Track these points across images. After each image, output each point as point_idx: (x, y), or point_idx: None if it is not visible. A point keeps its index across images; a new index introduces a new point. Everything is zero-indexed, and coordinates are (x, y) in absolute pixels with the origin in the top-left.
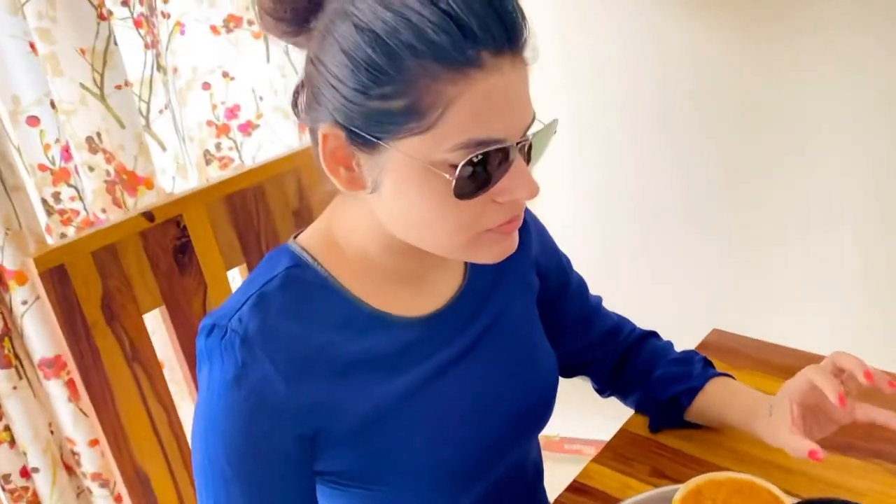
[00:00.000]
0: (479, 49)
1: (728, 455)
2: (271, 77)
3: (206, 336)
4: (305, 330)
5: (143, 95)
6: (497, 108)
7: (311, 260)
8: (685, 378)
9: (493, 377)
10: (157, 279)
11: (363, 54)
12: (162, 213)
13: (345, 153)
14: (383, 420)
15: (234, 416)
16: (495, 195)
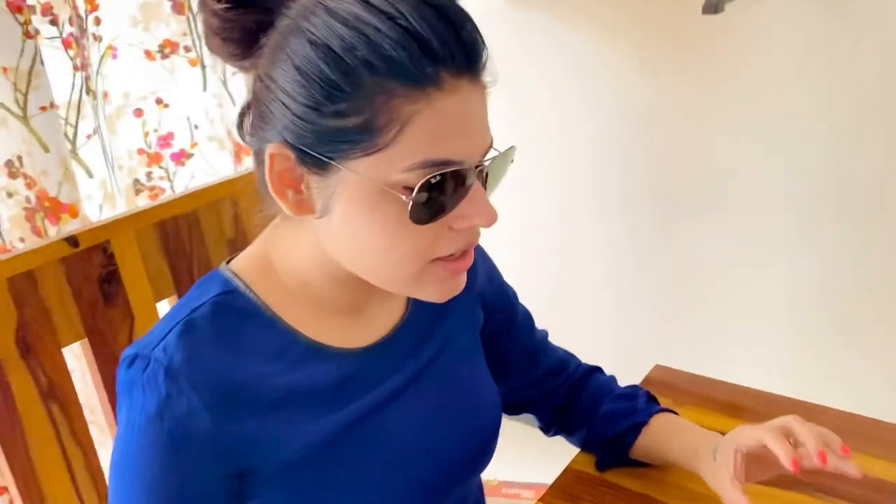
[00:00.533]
0: (438, 68)
1: (675, 492)
2: (207, 105)
3: (128, 367)
4: (235, 361)
5: (69, 119)
6: (455, 128)
7: (244, 286)
8: (630, 414)
9: (434, 415)
10: (79, 309)
11: (317, 70)
12: (87, 238)
13: (293, 175)
14: (317, 457)
15: (156, 452)
16: (451, 221)
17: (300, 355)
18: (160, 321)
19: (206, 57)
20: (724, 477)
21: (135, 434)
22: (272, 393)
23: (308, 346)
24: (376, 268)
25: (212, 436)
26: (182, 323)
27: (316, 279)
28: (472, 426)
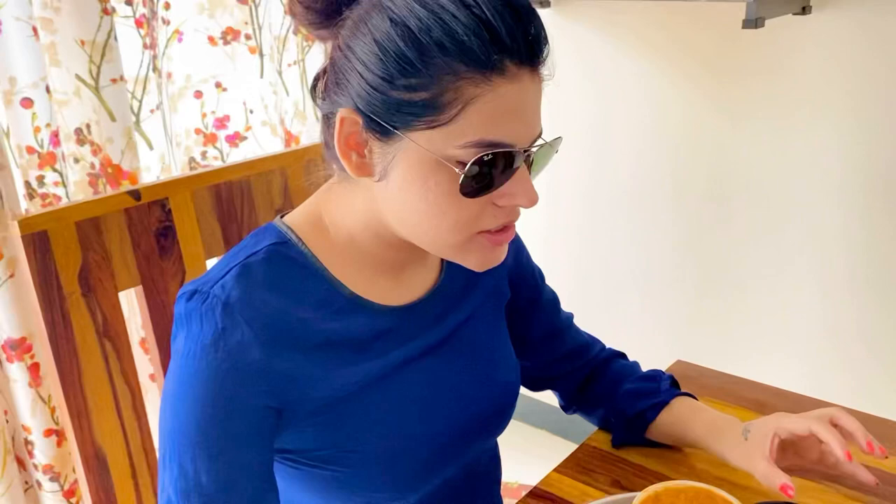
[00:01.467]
0: (503, 57)
1: (687, 472)
2: (263, 92)
3: (187, 300)
4: (284, 304)
5: (136, 93)
6: (511, 114)
7: (296, 239)
8: (652, 394)
9: (456, 376)
10: (136, 258)
11: (394, 46)
12: (148, 193)
13: (359, 139)
14: (347, 401)
15: (209, 378)
16: (496, 198)
17: (342, 306)
18: (217, 263)
19: (265, 46)
20: (758, 456)
21: (190, 361)
22: (315, 337)
23: (349, 298)
24: (425, 231)
25: (260, 368)
26: (239, 265)
27: (364, 238)
28: (491, 390)
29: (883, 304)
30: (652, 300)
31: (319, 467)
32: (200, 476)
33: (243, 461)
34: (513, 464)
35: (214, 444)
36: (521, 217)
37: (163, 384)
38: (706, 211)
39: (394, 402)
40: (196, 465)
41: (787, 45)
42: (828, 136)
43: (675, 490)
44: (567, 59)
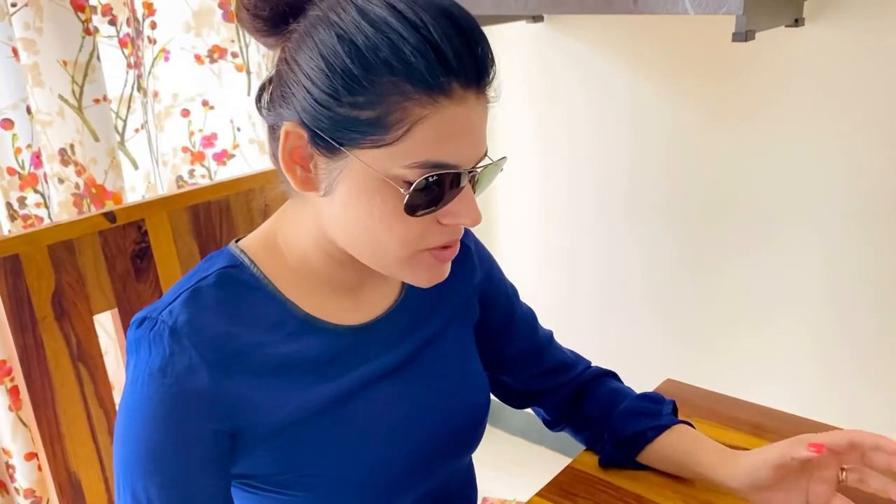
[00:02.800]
0: (450, 78)
1: (673, 496)
2: (250, 109)
3: (137, 327)
4: (235, 328)
5: (120, 113)
6: (457, 135)
7: (248, 261)
8: (654, 415)
9: (422, 397)
10: (112, 281)
11: (340, 62)
12: (124, 215)
13: (303, 153)
14: (304, 424)
15: (157, 404)
16: (441, 217)
17: (296, 328)
18: (169, 290)
19: (252, 64)
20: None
21: (138, 388)
22: (268, 361)
23: (304, 319)
24: (369, 249)
25: (209, 393)
26: (189, 290)
27: (315, 257)
28: (458, 411)
29: (875, 324)
30: (642, 317)
31: (279, 492)
32: (154, 500)
33: (197, 487)
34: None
35: (166, 471)
36: (514, 232)
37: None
38: (700, 225)
39: (354, 425)
40: (148, 492)
41: (781, 57)
42: (822, 149)
43: None
44: (560, 73)
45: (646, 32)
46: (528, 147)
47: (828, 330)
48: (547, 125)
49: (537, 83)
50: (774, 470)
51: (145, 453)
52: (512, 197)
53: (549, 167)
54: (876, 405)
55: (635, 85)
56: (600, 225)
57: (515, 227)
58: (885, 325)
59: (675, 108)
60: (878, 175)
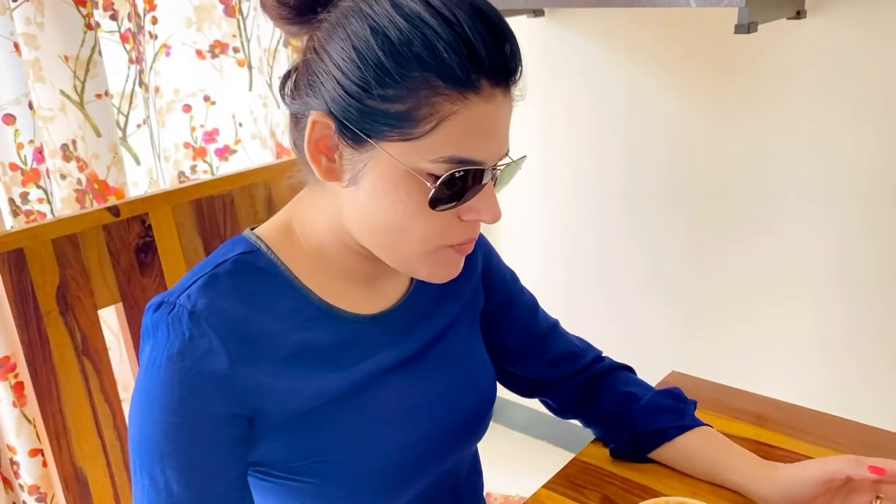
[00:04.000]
0: (480, 76)
1: (679, 486)
2: (252, 105)
3: (153, 311)
4: (252, 314)
5: (122, 108)
6: (483, 132)
7: (265, 248)
8: (677, 413)
9: (432, 389)
10: (116, 275)
11: (373, 54)
12: (127, 209)
13: (329, 143)
14: (318, 413)
15: (176, 388)
16: (462, 213)
17: (311, 315)
18: (186, 275)
19: (254, 58)
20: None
21: (156, 370)
22: (284, 347)
23: (320, 306)
24: (387, 243)
25: (228, 377)
26: (206, 276)
27: (332, 246)
28: (467, 401)
29: (880, 314)
30: (647, 309)
31: (293, 479)
32: (171, 486)
33: (214, 471)
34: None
35: (184, 454)
36: (515, 224)
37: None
38: (702, 217)
39: (367, 415)
40: (166, 475)
41: (782, 49)
42: (824, 140)
43: None
44: (562, 67)
45: (647, 26)
46: (530, 140)
47: (833, 320)
48: (548, 119)
49: (538, 77)
50: (822, 485)
51: (163, 437)
52: (512, 190)
53: (550, 161)
54: (880, 396)
55: (637, 78)
56: (601, 217)
57: (516, 219)
58: (890, 315)
59: (676, 101)
60: (880, 165)
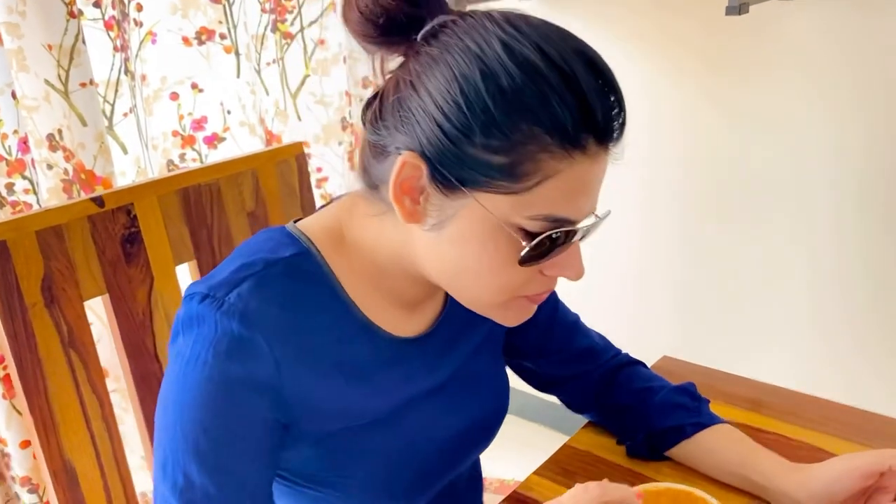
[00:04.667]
0: (589, 135)
1: (671, 472)
2: (240, 92)
3: (199, 301)
4: (299, 322)
5: (108, 97)
6: (583, 192)
7: (315, 251)
8: (694, 411)
9: (457, 412)
10: (101, 266)
11: (481, 101)
12: (112, 199)
13: (416, 185)
14: (353, 431)
15: (220, 388)
16: (546, 268)
17: (353, 330)
18: (227, 266)
19: (241, 45)
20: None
21: (200, 367)
22: (325, 360)
23: (363, 323)
24: (467, 289)
25: (273, 383)
26: (257, 276)
27: (388, 269)
28: (485, 416)
29: (874, 297)
30: (637, 294)
31: (310, 488)
32: (207, 487)
33: (248, 474)
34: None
35: (223, 455)
36: None
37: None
38: (694, 201)
39: (398, 439)
40: (202, 475)
41: (774, 30)
42: (818, 124)
43: (656, 492)
44: None
45: (639, 8)
46: None
47: (827, 303)
48: None
49: None
50: (861, 480)
51: (203, 434)
52: None
53: None
54: (875, 380)
55: (629, 61)
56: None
57: None
58: (883, 298)
59: (668, 83)
60: (873, 145)
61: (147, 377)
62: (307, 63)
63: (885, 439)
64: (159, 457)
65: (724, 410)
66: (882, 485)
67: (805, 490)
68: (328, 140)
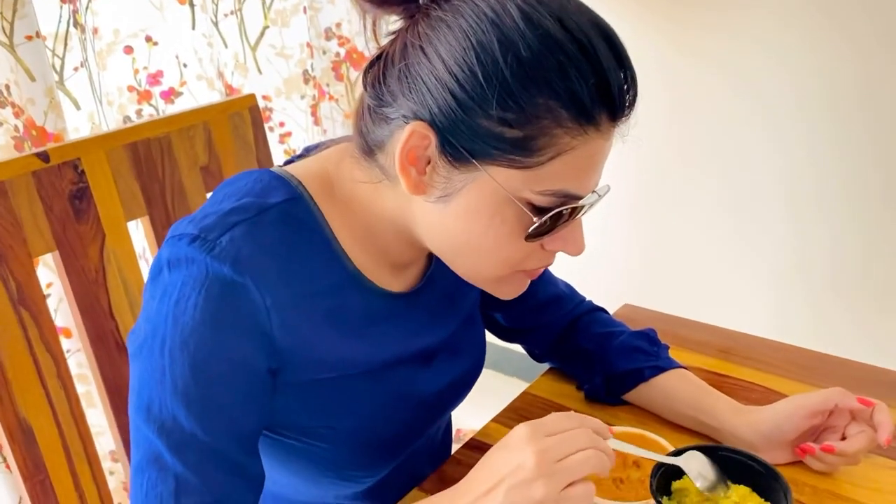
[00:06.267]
0: (603, 111)
1: (627, 417)
2: (196, 44)
3: (189, 243)
4: (290, 271)
5: (56, 50)
6: (592, 168)
7: (307, 197)
8: (652, 354)
9: (447, 373)
10: (50, 223)
11: (497, 70)
12: (58, 154)
13: (422, 155)
14: (340, 382)
15: (214, 331)
16: (548, 243)
17: (343, 281)
18: (217, 207)
19: None
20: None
21: (190, 310)
22: (316, 309)
23: (353, 274)
24: (468, 261)
25: (264, 331)
26: (251, 222)
27: (382, 234)
28: (464, 374)
29: (833, 245)
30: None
31: (295, 439)
32: (196, 431)
33: (240, 420)
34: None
35: (213, 400)
36: None
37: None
38: (662, 145)
39: (388, 394)
40: (190, 419)
41: None
42: (788, 68)
43: None
44: None
45: None
46: None
47: (790, 252)
48: None
49: None
50: (808, 419)
51: (193, 378)
52: None
53: None
54: (839, 324)
55: None
56: None
57: None
58: (842, 241)
59: (637, 32)
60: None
61: (103, 335)
62: (266, 14)
63: (842, 380)
64: (143, 398)
65: (684, 356)
66: (830, 424)
67: (754, 431)
68: (290, 94)
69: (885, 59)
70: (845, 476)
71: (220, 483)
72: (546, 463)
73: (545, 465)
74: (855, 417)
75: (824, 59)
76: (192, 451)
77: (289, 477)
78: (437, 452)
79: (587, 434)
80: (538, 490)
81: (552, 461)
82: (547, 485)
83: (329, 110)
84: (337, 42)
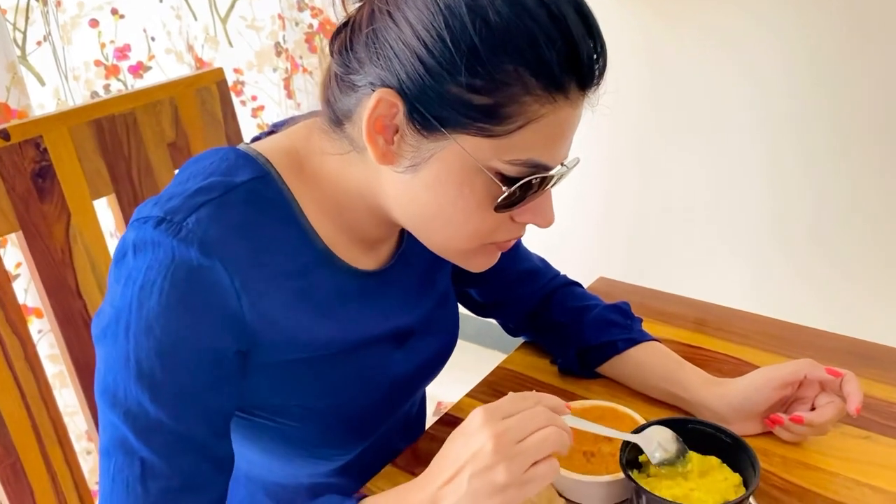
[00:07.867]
0: (573, 79)
1: (600, 391)
2: (164, 17)
3: (155, 226)
4: (258, 251)
5: (17, 24)
6: (561, 137)
7: (275, 174)
8: (625, 327)
9: (421, 354)
10: (12, 202)
11: (467, 37)
12: (18, 132)
13: (390, 124)
14: (311, 362)
15: (181, 314)
16: (517, 214)
17: (312, 259)
18: (182, 188)
19: None
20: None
21: (155, 295)
22: (285, 290)
23: (323, 252)
24: (437, 233)
25: (233, 313)
26: (217, 202)
27: (352, 209)
28: (438, 352)
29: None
30: (572, 210)
31: (267, 419)
32: (162, 418)
33: (209, 405)
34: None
35: (179, 385)
36: None
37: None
38: (636, 118)
39: (358, 374)
40: (156, 406)
41: None
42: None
43: (582, 409)
44: None
45: None
46: None
47: (767, 223)
48: None
49: None
50: (778, 390)
51: (159, 364)
52: None
53: None
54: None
55: None
56: None
57: None
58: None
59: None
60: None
61: (71, 315)
62: None
63: (815, 351)
64: (108, 383)
65: (658, 329)
66: (800, 395)
67: (725, 402)
68: (262, 66)
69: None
70: (815, 446)
71: (187, 466)
72: (505, 446)
73: (504, 448)
74: (824, 388)
75: (810, 29)
76: (158, 435)
77: (262, 456)
78: (412, 427)
79: (544, 413)
80: (500, 475)
81: (511, 443)
82: (508, 468)
83: (303, 83)
84: (310, 13)
